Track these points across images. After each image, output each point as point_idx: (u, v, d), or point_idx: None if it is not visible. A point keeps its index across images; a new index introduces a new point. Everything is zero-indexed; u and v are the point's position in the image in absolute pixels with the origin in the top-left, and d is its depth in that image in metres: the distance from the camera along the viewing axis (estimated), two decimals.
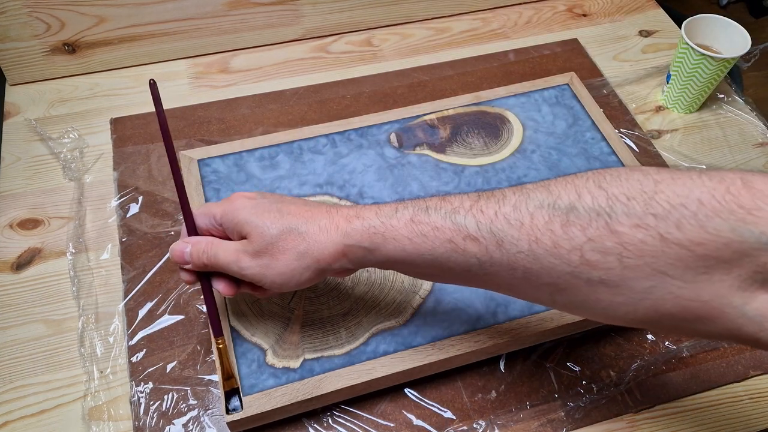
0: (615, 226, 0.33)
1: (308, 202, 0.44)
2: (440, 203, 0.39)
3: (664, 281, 0.32)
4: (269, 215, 0.42)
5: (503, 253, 0.36)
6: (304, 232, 0.41)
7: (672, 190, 0.32)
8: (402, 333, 0.51)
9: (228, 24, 0.76)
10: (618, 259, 0.33)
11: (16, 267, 0.58)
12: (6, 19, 0.67)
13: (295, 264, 0.41)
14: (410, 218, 0.39)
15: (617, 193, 0.33)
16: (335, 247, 0.40)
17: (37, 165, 0.66)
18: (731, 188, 0.31)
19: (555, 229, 0.34)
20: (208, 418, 0.50)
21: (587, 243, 0.33)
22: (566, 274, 0.35)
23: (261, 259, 0.41)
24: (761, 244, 0.30)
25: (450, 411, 0.51)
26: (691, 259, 0.31)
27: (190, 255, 0.44)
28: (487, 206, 0.37)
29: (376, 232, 0.39)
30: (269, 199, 0.43)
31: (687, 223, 0.31)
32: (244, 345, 0.50)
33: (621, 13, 0.86)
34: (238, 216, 0.42)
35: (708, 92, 0.71)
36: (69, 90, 0.73)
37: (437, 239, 0.38)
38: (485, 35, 0.82)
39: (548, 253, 0.35)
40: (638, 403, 0.51)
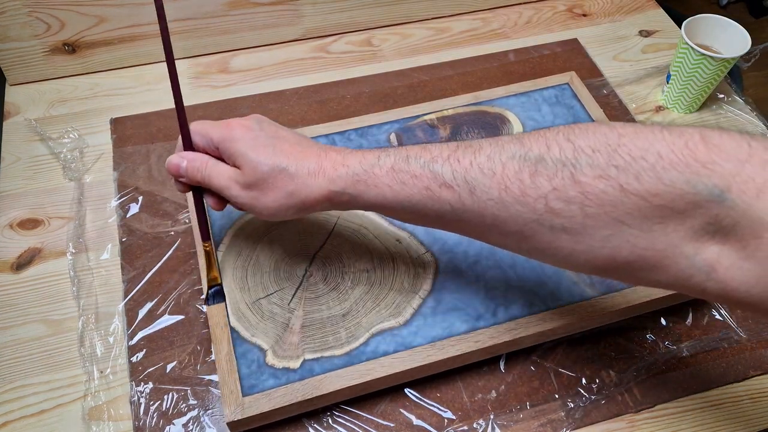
0: (579, 177, 0.34)
1: (302, 140, 0.46)
2: (420, 152, 0.41)
3: (622, 230, 0.34)
4: (264, 151, 0.43)
5: (475, 200, 0.38)
6: (293, 174, 0.43)
7: (634, 144, 0.33)
8: (402, 333, 0.51)
9: (228, 24, 0.76)
10: (580, 208, 0.35)
11: (16, 267, 0.58)
12: (6, 19, 0.67)
13: (282, 201, 0.44)
14: (391, 166, 0.41)
15: (583, 145, 0.35)
16: (321, 191, 0.43)
17: (37, 165, 0.66)
18: (689, 143, 0.32)
19: (524, 178, 0.36)
20: (208, 418, 0.50)
21: (552, 192, 0.35)
22: (531, 222, 0.37)
23: (251, 191, 0.44)
24: (713, 196, 0.31)
25: (450, 411, 0.51)
26: (648, 209, 0.33)
27: (185, 170, 0.46)
28: (464, 156, 0.39)
29: (359, 180, 0.42)
30: (265, 132, 0.45)
31: (645, 174, 0.33)
32: (244, 345, 0.50)
33: (621, 13, 0.86)
34: (235, 146, 0.44)
35: (708, 92, 0.71)
36: (69, 90, 0.73)
37: (415, 187, 0.40)
38: (485, 35, 0.82)
39: (516, 201, 0.36)
40: (638, 403, 0.51)
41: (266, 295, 0.53)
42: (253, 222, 0.57)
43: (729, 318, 0.56)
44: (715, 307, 0.57)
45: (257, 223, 0.57)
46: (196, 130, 0.47)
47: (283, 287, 0.53)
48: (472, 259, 0.55)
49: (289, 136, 0.46)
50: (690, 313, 0.57)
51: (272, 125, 0.46)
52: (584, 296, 0.53)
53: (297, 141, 0.45)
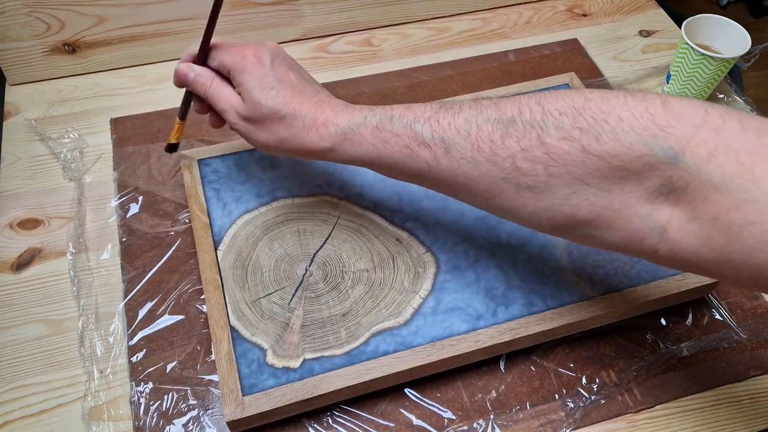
0: (545, 138, 0.36)
1: (305, 88, 0.48)
2: (404, 112, 0.43)
3: (582, 189, 0.36)
4: (267, 92, 0.46)
5: (450, 159, 0.40)
6: (288, 123, 0.46)
7: (598, 107, 0.35)
8: (402, 333, 0.51)
9: (228, 24, 0.76)
10: (544, 168, 0.37)
11: (16, 267, 0.58)
12: (6, 19, 0.67)
13: (273, 143, 0.47)
14: (376, 125, 0.43)
15: (552, 108, 0.37)
16: (310, 145, 0.46)
17: (37, 165, 0.66)
18: (650, 107, 0.34)
19: (495, 139, 0.38)
20: (208, 418, 0.50)
21: (520, 152, 0.37)
22: (499, 180, 0.39)
23: (249, 124, 0.47)
24: (668, 158, 0.33)
25: (450, 411, 0.51)
26: (607, 169, 0.35)
27: (192, 81, 0.49)
28: (444, 117, 0.41)
29: (345, 138, 0.44)
30: (274, 72, 0.47)
31: (606, 136, 0.34)
32: (244, 345, 0.50)
33: (621, 13, 0.86)
34: (242, 78, 0.47)
35: (708, 92, 0.71)
36: (69, 90, 0.73)
37: (396, 145, 0.42)
38: (485, 35, 0.82)
39: (486, 160, 0.39)
40: (638, 403, 0.51)
41: (266, 294, 0.53)
42: (254, 222, 0.57)
43: (729, 318, 0.56)
44: (715, 307, 0.57)
45: (257, 222, 0.57)
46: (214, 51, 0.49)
47: (283, 287, 0.53)
48: (472, 259, 0.55)
49: (295, 82, 0.48)
50: (690, 313, 0.57)
51: (283, 63, 0.48)
52: (584, 296, 0.53)
53: (301, 89, 0.47)
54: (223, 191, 0.59)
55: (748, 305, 0.57)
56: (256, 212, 0.58)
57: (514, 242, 0.56)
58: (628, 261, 0.55)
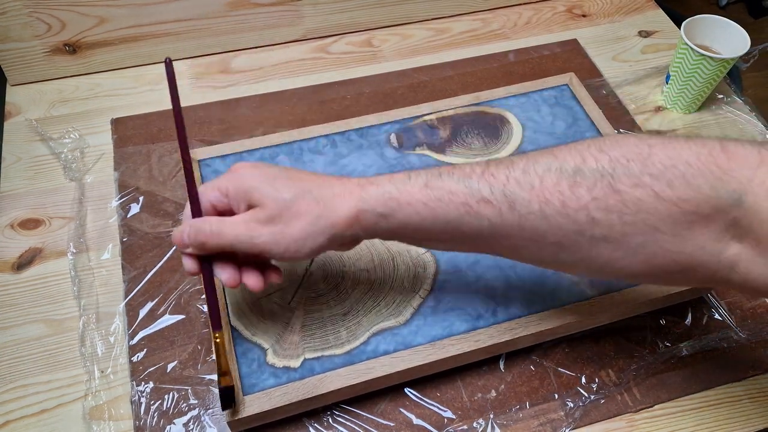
0: (617, 186, 0.36)
1: (315, 170, 0.44)
2: (452, 170, 0.40)
3: (656, 236, 0.36)
4: (281, 181, 0.41)
5: (515, 214, 0.38)
6: (318, 197, 0.41)
7: (664, 153, 0.36)
8: (402, 333, 0.51)
9: (229, 24, 0.76)
10: (619, 216, 0.36)
11: (17, 267, 0.58)
12: (7, 20, 0.68)
13: (310, 229, 0.40)
14: (425, 184, 0.40)
15: (618, 155, 0.36)
16: (350, 211, 0.40)
17: (37, 165, 0.66)
18: (712, 151, 0.35)
19: (563, 190, 0.37)
20: (209, 417, 0.50)
21: (592, 202, 0.36)
22: (572, 233, 0.37)
23: (274, 226, 0.40)
24: (733, 200, 0.34)
25: (450, 410, 0.51)
26: (678, 214, 0.35)
27: (187, 235, 0.42)
28: (498, 171, 0.39)
29: (391, 197, 0.40)
30: (276, 168, 0.43)
31: (677, 181, 0.35)
32: (245, 345, 0.50)
33: (620, 14, 0.86)
34: (247, 183, 0.41)
35: (707, 92, 0.71)
36: (70, 90, 0.73)
37: (452, 203, 0.39)
38: (485, 36, 0.82)
39: (557, 213, 0.37)
40: (638, 402, 0.52)
41: (266, 294, 0.53)
42: None
43: (728, 318, 0.57)
44: (714, 307, 0.57)
45: None
46: (202, 190, 0.43)
47: (283, 287, 0.53)
48: (472, 259, 0.55)
49: (300, 169, 0.44)
50: (689, 313, 0.57)
51: (277, 165, 0.45)
52: (584, 296, 0.53)
53: (311, 172, 0.44)
54: None
55: (748, 305, 0.58)
56: None
57: None
58: None
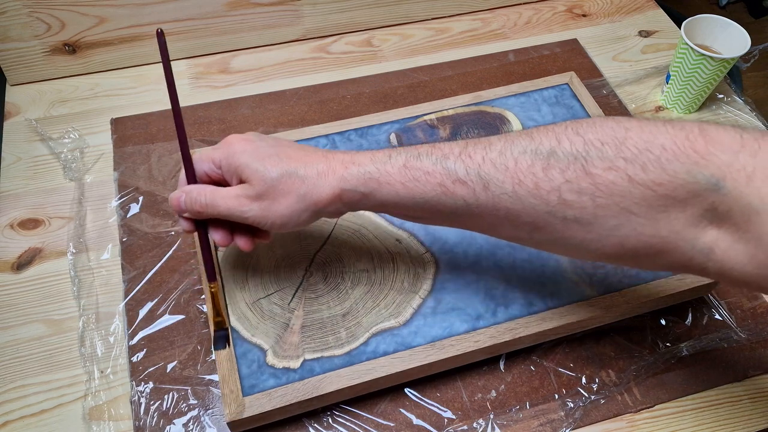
0: (590, 169, 0.36)
1: (304, 147, 0.46)
2: (431, 150, 0.41)
3: (630, 219, 0.36)
4: (269, 160, 0.43)
5: (489, 195, 0.39)
6: (303, 176, 0.43)
7: (639, 137, 0.35)
8: (402, 333, 0.51)
9: (228, 24, 0.76)
10: (591, 199, 0.36)
11: (16, 267, 0.58)
12: (6, 20, 0.68)
13: (295, 206, 0.43)
14: (403, 164, 0.41)
15: (593, 138, 0.37)
16: (333, 191, 0.42)
17: (37, 165, 0.66)
18: (689, 135, 0.34)
19: (536, 171, 0.37)
20: (209, 417, 0.50)
21: (565, 184, 0.37)
22: (545, 213, 0.38)
23: (262, 202, 0.43)
24: (710, 185, 0.33)
25: (450, 411, 0.51)
26: (653, 198, 0.35)
27: (186, 202, 0.45)
28: (475, 152, 0.40)
29: (371, 177, 0.42)
30: (267, 143, 0.45)
31: (651, 165, 0.35)
32: (245, 345, 0.50)
33: (621, 14, 0.86)
34: (239, 160, 0.43)
35: (707, 92, 0.71)
36: (69, 90, 0.73)
37: (428, 183, 0.40)
38: (485, 35, 0.82)
39: (529, 194, 0.38)
40: (638, 402, 0.52)
41: (266, 295, 0.53)
42: None
43: (729, 318, 0.57)
44: (714, 307, 0.57)
45: None
46: (197, 158, 0.46)
47: (283, 287, 0.53)
48: (472, 259, 0.55)
49: (291, 144, 0.46)
50: (690, 313, 0.57)
51: (271, 137, 0.46)
52: (584, 296, 0.53)
53: (299, 147, 0.45)
54: None
55: (748, 305, 0.58)
56: None
57: None
58: None
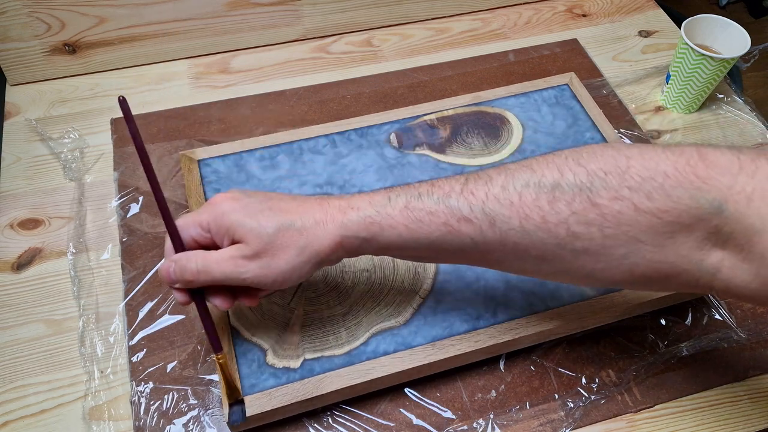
0: (596, 199, 0.36)
1: (296, 197, 0.44)
2: (431, 189, 0.41)
3: (638, 247, 0.36)
4: (263, 215, 0.41)
5: (496, 231, 0.39)
6: (300, 228, 0.41)
7: (642, 165, 0.36)
8: (402, 333, 0.51)
9: (228, 24, 0.76)
10: (599, 230, 0.36)
11: (16, 267, 0.58)
12: (6, 19, 0.68)
13: (296, 260, 0.41)
14: (404, 205, 0.40)
15: (595, 168, 0.37)
16: (333, 239, 0.41)
17: (37, 165, 0.66)
18: (690, 161, 0.35)
19: (542, 205, 0.37)
20: (209, 417, 0.50)
21: (572, 216, 0.37)
22: (554, 246, 0.38)
23: (261, 260, 0.40)
24: (713, 209, 0.34)
25: (450, 411, 0.51)
26: (659, 225, 0.35)
27: (174, 272, 0.42)
28: (477, 188, 0.39)
29: (372, 221, 0.40)
30: (256, 198, 0.43)
31: (656, 193, 0.35)
32: (244, 345, 0.50)
33: (621, 14, 0.86)
34: (229, 219, 0.41)
35: (708, 92, 0.71)
36: (69, 90, 0.73)
37: (433, 223, 0.40)
38: (485, 35, 0.82)
39: (537, 228, 0.38)
40: (638, 402, 0.52)
41: (266, 294, 0.53)
42: None
43: (729, 318, 0.57)
44: (714, 307, 0.57)
45: None
46: (182, 224, 0.43)
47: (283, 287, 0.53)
48: None
49: (281, 196, 0.44)
50: (690, 313, 0.57)
51: (258, 191, 0.44)
52: (584, 296, 0.53)
53: (291, 198, 0.43)
54: (223, 191, 0.59)
55: (748, 305, 0.58)
56: None
57: None
58: None
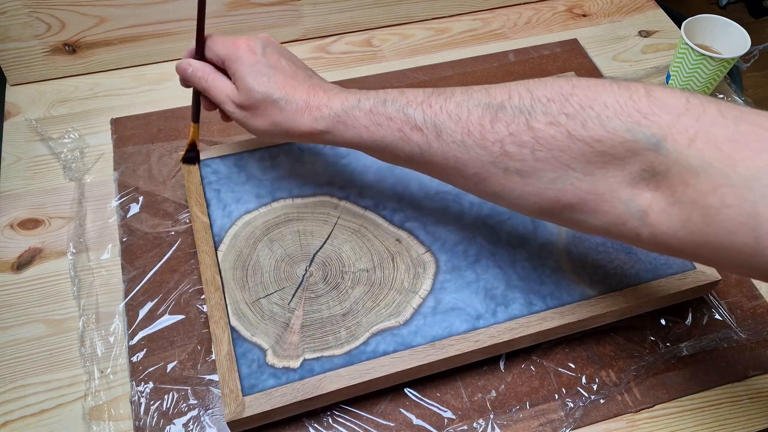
0: (533, 123, 0.38)
1: (297, 73, 0.49)
2: (398, 96, 0.44)
3: (567, 173, 0.37)
4: (260, 78, 0.47)
5: (441, 143, 0.41)
6: (282, 107, 0.47)
7: (584, 94, 0.37)
8: (402, 333, 0.51)
9: (228, 24, 0.76)
10: (531, 152, 0.38)
11: (16, 267, 0.58)
12: (6, 19, 0.68)
13: (269, 128, 0.48)
14: (369, 109, 0.44)
15: (540, 95, 0.38)
16: (305, 128, 0.47)
17: (37, 165, 0.66)
18: (634, 95, 0.35)
19: (485, 123, 0.40)
20: (209, 417, 0.50)
21: (508, 137, 0.39)
22: (488, 164, 0.40)
23: (243, 111, 0.49)
24: (651, 145, 0.34)
25: (450, 411, 0.51)
26: (591, 154, 0.36)
27: (191, 75, 0.52)
28: (435, 101, 0.42)
29: (339, 120, 0.45)
30: (266, 59, 0.49)
31: (591, 122, 0.36)
32: (244, 345, 0.50)
33: (621, 14, 0.86)
34: (235, 67, 0.49)
35: (708, 92, 0.71)
36: (69, 90, 0.73)
37: (389, 128, 0.43)
38: (485, 35, 0.82)
39: (476, 144, 0.40)
40: (638, 403, 0.52)
41: (266, 294, 0.53)
42: (254, 222, 0.57)
43: (729, 318, 0.57)
44: (714, 307, 0.57)
45: (257, 223, 0.57)
46: (209, 42, 0.51)
47: (283, 287, 0.53)
48: (472, 259, 0.55)
49: (287, 68, 0.49)
50: (690, 313, 0.57)
51: (275, 52, 0.50)
52: (584, 296, 0.53)
53: (293, 74, 0.49)
54: (223, 192, 0.59)
55: (748, 305, 0.58)
56: (256, 213, 0.58)
57: (514, 242, 0.56)
58: (628, 261, 0.55)
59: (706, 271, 0.54)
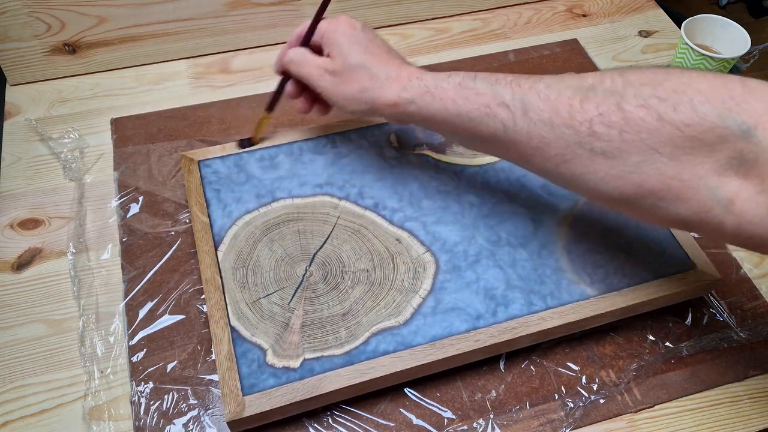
0: (623, 104, 0.37)
1: (391, 50, 0.52)
2: (487, 75, 0.45)
3: (654, 157, 0.37)
4: (356, 47, 0.50)
5: (526, 121, 0.41)
6: (374, 74, 0.49)
7: (678, 80, 0.36)
8: (402, 333, 0.51)
9: (228, 24, 0.76)
10: (619, 133, 0.37)
11: (16, 267, 0.58)
12: (6, 19, 0.68)
13: (357, 95, 0.50)
14: (459, 83, 0.45)
15: (633, 79, 0.38)
16: (392, 96, 0.48)
17: (37, 165, 0.66)
18: (728, 84, 0.35)
19: (574, 104, 0.39)
20: (209, 417, 0.50)
21: (597, 117, 0.38)
22: (574, 144, 0.39)
23: (334, 78, 0.51)
24: (741, 132, 0.34)
25: (450, 411, 0.51)
26: (680, 138, 0.35)
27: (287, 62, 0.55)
28: (524, 82, 0.43)
29: (427, 91, 0.47)
30: (364, 34, 0.52)
31: (683, 106, 0.35)
32: (244, 345, 0.50)
33: (621, 14, 0.86)
34: (335, 36, 0.51)
35: None
36: (69, 90, 0.73)
37: (476, 102, 0.44)
38: (485, 35, 0.82)
39: (563, 124, 0.40)
40: (638, 403, 0.52)
41: (266, 294, 0.53)
42: (254, 222, 0.57)
43: (729, 318, 0.57)
44: (714, 307, 0.57)
45: (257, 223, 0.57)
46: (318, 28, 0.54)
47: (283, 287, 0.53)
48: (472, 259, 0.55)
49: (382, 44, 0.52)
50: (690, 313, 0.57)
51: (372, 32, 0.53)
52: (584, 296, 0.53)
53: (387, 50, 0.52)
54: (223, 192, 0.59)
55: (748, 305, 0.58)
56: (256, 213, 0.58)
57: (514, 242, 0.56)
58: (628, 260, 0.55)
59: (706, 270, 0.54)
